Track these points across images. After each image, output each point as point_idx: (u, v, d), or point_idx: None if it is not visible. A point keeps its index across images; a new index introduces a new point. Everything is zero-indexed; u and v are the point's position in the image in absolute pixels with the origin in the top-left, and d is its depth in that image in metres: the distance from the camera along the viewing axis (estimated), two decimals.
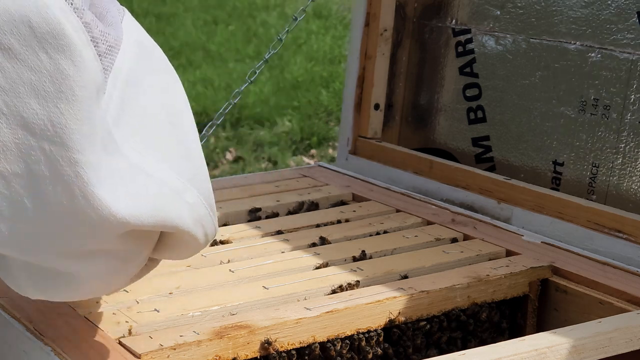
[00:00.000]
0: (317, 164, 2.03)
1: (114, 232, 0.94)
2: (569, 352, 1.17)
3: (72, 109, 0.87)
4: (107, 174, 0.91)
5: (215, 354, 1.15)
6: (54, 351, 1.10)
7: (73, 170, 0.88)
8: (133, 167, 0.94)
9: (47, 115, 0.87)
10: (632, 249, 1.49)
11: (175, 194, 0.98)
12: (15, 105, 0.86)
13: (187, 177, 1.00)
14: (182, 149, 1.01)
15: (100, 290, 1.08)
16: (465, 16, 1.88)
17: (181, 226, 0.99)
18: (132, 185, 0.93)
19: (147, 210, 0.95)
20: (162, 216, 0.97)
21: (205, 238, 1.05)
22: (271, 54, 1.95)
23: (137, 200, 0.94)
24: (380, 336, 1.29)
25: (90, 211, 0.90)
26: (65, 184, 0.88)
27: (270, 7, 6.80)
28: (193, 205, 1.00)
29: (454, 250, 1.50)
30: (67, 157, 0.88)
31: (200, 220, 1.02)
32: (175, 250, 1.06)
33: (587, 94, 1.66)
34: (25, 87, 0.86)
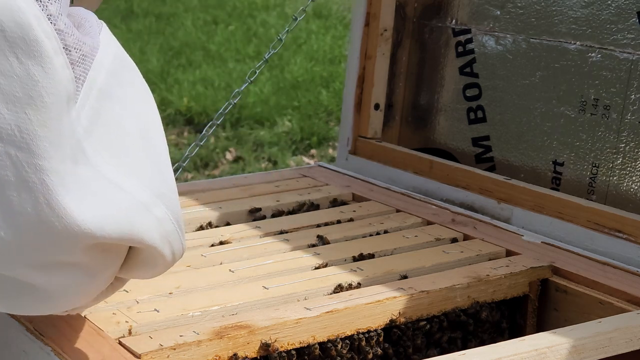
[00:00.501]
0: (317, 164, 2.03)
1: (78, 243, 0.92)
2: (569, 352, 1.17)
3: (40, 115, 0.87)
4: (74, 183, 0.89)
5: (215, 354, 1.15)
6: (54, 351, 1.10)
7: (38, 177, 0.87)
8: (101, 178, 0.93)
9: (14, 120, 0.86)
10: (632, 249, 1.49)
11: (144, 208, 0.97)
12: None
13: (156, 193, 0.98)
14: (153, 164, 1.00)
15: (65, 306, 1.05)
16: (465, 16, 1.88)
17: (148, 241, 0.98)
18: (99, 197, 0.92)
19: (113, 223, 0.93)
20: (128, 229, 0.95)
21: (172, 256, 1.03)
22: (271, 54, 1.95)
23: (104, 211, 0.92)
24: (380, 336, 1.29)
25: (54, 220, 0.88)
26: (30, 190, 0.87)
27: (270, 7, 6.80)
28: (161, 221, 0.99)
29: (454, 250, 1.50)
30: (32, 163, 0.87)
31: (167, 237, 1.00)
32: (141, 269, 1.04)
33: (587, 94, 1.66)
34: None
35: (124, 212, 0.94)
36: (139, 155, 0.98)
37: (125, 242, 0.96)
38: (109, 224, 0.92)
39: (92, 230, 0.91)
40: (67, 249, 0.92)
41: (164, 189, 1.00)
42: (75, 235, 0.90)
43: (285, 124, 4.81)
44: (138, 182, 0.97)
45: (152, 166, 1.00)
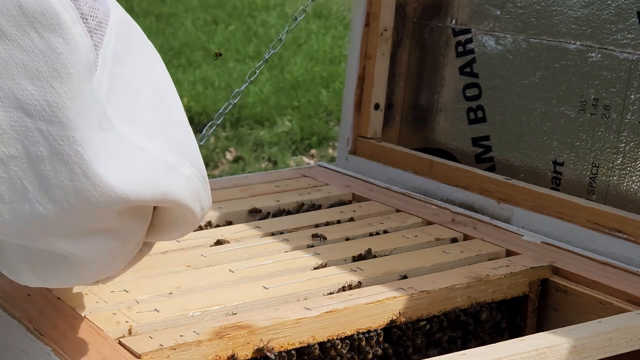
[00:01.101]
0: (317, 164, 2.03)
1: (114, 209, 0.93)
2: (569, 352, 1.17)
3: (67, 87, 0.87)
4: (104, 150, 0.91)
5: (215, 354, 1.15)
6: (54, 351, 1.10)
7: (72, 149, 0.88)
8: (127, 142, 0.94)
9: (42, 95, 0.87)
10: (632, 249, 1.49)
11: (171, 168, 0.98)
12: (9, 88, 0.86)
13: (179, 152, 1.00)
14: (171, 125, 1.01)
15: (99, 274, 1.06)
16: (465, 16, 1.88)
17: (180, 200, 0.99)
18: (128, 161, 0.93)
19: (145, 185, 0.94)
20: (160, 190, 0.97)
21: (201, 212, 1.05)
22: (271, 54, 1.95)
23: (135, 175, 0.94)
24: (380, 336, 1.29)
25: (91, 189, 0.90)
26: (65, 163, 0.88)
27: (270, 7, 6.80)
28: (189, 179, 1.00)
29: (454, 250, 1.50)
30: (65, 136, 0.88)
31: (196, 194, 1.02)
32: (171, 229, 1.06)
33: (587, 94, 1.66)
34: (18, 69, 0.86)
35: (153, 174, 0.96)
36: (157, 117, 0.99)
37: (158, 203, 0.98)
38: (142, 187, 0.94)
39: (128, 194, 0.92)
40: (102, 216, 0.94)
41: (186, 147, 1.02)
42: (112, 202, 0.92)
43: (285, 124, 4.81)
44: (160, 144, 0.98)
45: (170, 127, 1.01)
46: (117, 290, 1.28)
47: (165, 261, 1.41)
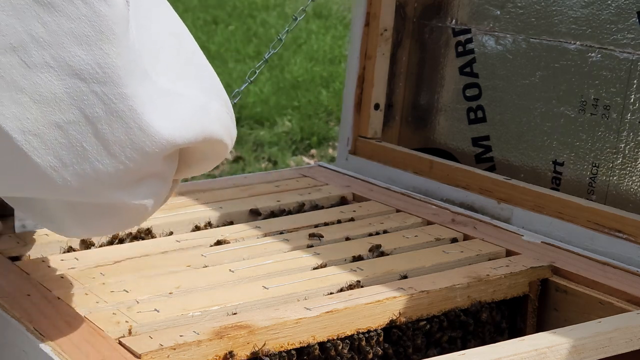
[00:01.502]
0: (317, 164, 2.03)
1: (163, 154, 0.99)
2: (569, 352, 1.17)
3: (114, 47, 0.92)
4: (150, 101, 0.96)
5: (215, 354, 1.15)
6: (54, 351, 1.10)
7: (126, 105, 0.94)
8: (163, 90, 0.99)
9: (93, 58, 0.92)
10: (632, 249, 1.49)
11: (203, 108, 1.04)
12: (61, 57, 0.91)
13: (205, 90, 1.06)
14: (193, 66, 1.07)
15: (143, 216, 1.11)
16: (465, 16, 1.88)
17: (217, 136, 1.06)
18: (169, 107, 0.99)
19: (189, 128, 1.00)
20: (201, 131, 1.02)
21: (231, 142, 1.11)
22: (271, 54, 1.95)
23: (179, 120, 0.99)
24: (380, 336, 1.29)
25: (145, 139, 0.96)
26: (120, 119, 0.94)
27: (270, 7, 6.80)
28: (219, 114, 1.07)
29: (454, 250, 1.50)
30: (118, 93, 0.93)
31: (226, 127, 1.08)
32: (201, 163, 1.11)
33: (587, 94, 1.66)
34: (68, 37, 0.91)
35: (192, 116, 1.02)
36: (180, 61, 1.05)
37: (200, 142, 1.04)
38: (186, 130, 1.00)
39: (176, 139, 0.99)
40: (153, 162, 1.00)
41: (209, 83, 1.08)
42: (163, 149, 0.98)
43: (285, 124, 4.81)
44: (190, 86, 1.04)
45: (194, 67, 1.06)
46: (117, 290, 1.28)
47: (165, 261, 1.41)
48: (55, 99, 0.91)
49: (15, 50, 0.89)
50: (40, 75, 0.91)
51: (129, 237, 1.52)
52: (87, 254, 1.43)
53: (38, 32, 0.90)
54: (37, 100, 0.91)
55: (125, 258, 1.41)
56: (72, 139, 0.93)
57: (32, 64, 0.90)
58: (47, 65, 0.90)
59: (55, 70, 0.91)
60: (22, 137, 0.91)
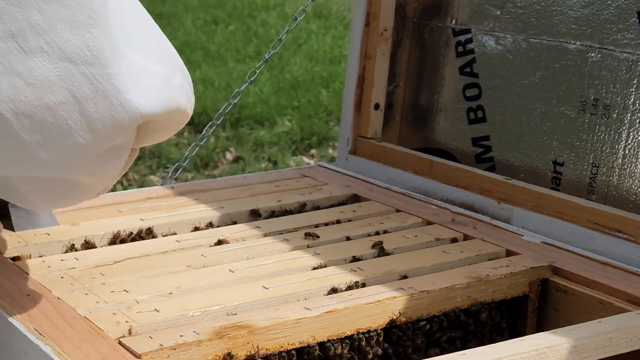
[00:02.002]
0: (317, 164, 2.03)
1: (134, 126, 1.05)
2: (569, 352, 1.17)
3: (101, 29, 0.98)
4: (130, 78, 1.02)
5: (215, 354, 1.15)
6: (54, 351, 1.10)
7: (111, 84, 0.99)
8: (135, 66, 1.04)
9: (83, 42, 0.97)
10: (632, 249, 1.49)
11: (169, 81, 1.10)
12: (54, 42, 0.96)
13: (167, 63, 1.11)
14: (153, 39, 1.11)
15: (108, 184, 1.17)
16: (465, 16, 1.88)
17: (181, 106, 1.11)
18: (142, 82, 1.04)
19: (158, 101, 1.06)
20: (168, 103, 1.08)
21: (191, 110, 1.16)
22: (271, 54, 1.96)
23: (150, 94, 1.05)
24: (380, 336, 1.29)
25: (124, 115, 1.01)
26: (105, 98, 1.00)
27: (270, 7, 6.80)
28: (181, 86, 1.12)
29: (454, 250, 1.50)
30: (104, 74, 0.99)
31: (187, 97, 1.14)
32: (162, 134, 1.16)
33: (587, 94, 1.66)
34: (62, 23, 0.96)
35: (160, 89, 1.07)
36: (141, 35, 1.09)
37: (167, 114, 1.09)
38: (156, 103, 1.06)
39: (149, 112, 1.04)
40: (125, 134, 1.06)
41: (169, 55, 1.13)
42: (136, 122, 1.04)
43: (285, 124, 4.81)
44: (153, 59, 1.09)
45: (154, 41, 1.11)
46: (117, 290, 1.28)
47: (165, 261, 1.41)
48: (48, 82, 0.97)
49: (14, 36, 0.95)
50: (36, 60, 0.96)
51: (130, 237, 1.52)
52: (87, 254, 1.43)
53: (36, 19, 0.95)
54: (32, 83, 0.96)
55: (125, 258, 1.41)
56: (60, 118, 0.99)
57: (28, 49, 0.95)
58: (42, 50, 0.96)
59: (49, 55, 0.96)
60: (14, 117, 0.97)
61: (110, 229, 1.53)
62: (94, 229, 1.53)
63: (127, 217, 1.59)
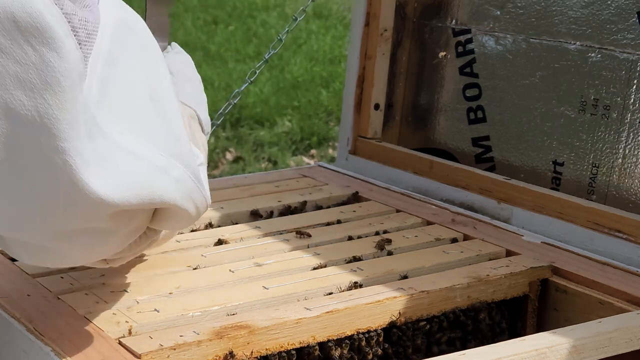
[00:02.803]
0: (317, 164, 2.03)
1: (102, 213, 0.96)
2: (569, 352, 1.17)
3: (58, 99, 0.89)
4: (92, 158, 0.93)
5: (215, 354, 1.15)
6: (54, 351, 1.10)
7: (60, 158, 0.90)
8: (117, 148, 0.96)
9: (34, 106, 0.88)
10: (632, 249, 1.49)
11: (161, 171, 1.01)
12: (2, 97, 0.88)
13: (171, 153, 1.02)
14: (164, 125, 1.03)
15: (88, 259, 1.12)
16: (465, 16, 1.88)
17: (169, 201, 1.02)
18: (116, 167, 0.95)
19: (133, 190, 0.97)
20: (148, 194, 0.99)
21: (196, 211, 1.08)
22: (271, 54, 1.95)
23: (123, 181, 0.96)
24: (380, 336, 1.29)
25: (78, 196, 0.92)
26: (53, 171, 0.90)
27: (270, 7, 6.80)
28: (180, 181, 1.03)
29: (454, 250, 1.50)
30: (54, 145, 0.89)
31: (189, 194, 1.05)
32: (170, 222, 1.09)
33: (587, 94, 1.66)
34: (12, 80, 0.87)
35: (142, 178, 0.98)
36: (150, 118, 1.01)
37: (147, 206, 1.01)
38: (129, 193, 0.96)
39: (115, 201, 0.95)
40: (91, 219, 0.97)
41: (178, 148, 1.04)
42: (99, 208, 0.95)
43: (285, 124, 4.81)
44: (151, 146, 1.00)
45: (164, 127, 1.03)
46: (117, 290, 1.28)
47: (165, 261, 1.41)
48: None
49: None
50: None
51: None
52: None
53: None
54: None
55: None
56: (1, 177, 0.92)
57: None
58: None
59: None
60: None
61: None
62: None
63: None
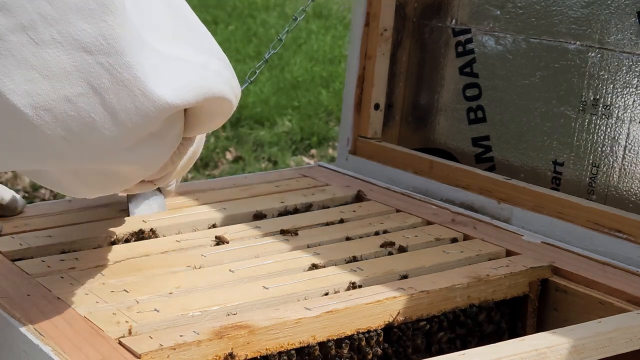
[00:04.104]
0: (317, 164, 2.03)
1: (164, 116, 1.03)
2: (569, 352, 1.17)
3: (116, 18, 0.95)
4: (151, 68, 0.99)
5: (215, 354, 1.15)
6: (54, 351, 1.10)
7: (131, 74, 0.97)
8: (161, 55, 1.02)
9: (98, 31, 0.94)
10: (632, 249, 1.49)
11: (203, 68, 1.07)
12: (67, 32, 0.93)
13: (203, 50, 1.08)
14: (187, 26, 1.10)
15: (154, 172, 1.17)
16: (465, 16, 1.88)
17: (219, 94, 1.09)
18: (170, 72, 1.02)
19: (189, 90, 1.03)
20: (203, 91, 1.06)
21: (236, 98, 1.14)
22: (271, 54, 1.95)
23: (179, 83, 1.02)
24: (380, 336, 1.29)
25: (149, 105, 0.99)
26: (126, 88, 0.97)
27: (270, 7, 6.80)
28: (220, 72, 1.09)
29: (454, 250, 1.50)
30: (123, 63, 0.96)
31: (228, 83, 1.11)
32: (208, 121, 1.14)
33: (587, 94, 1.66)
34: (73, 12, 0.93)
35: (192, 77, 1.05)
36: (175, 23, 1.07)
37: (202, 102, 1.07)
38: (187, 92, 1.03)
39: (178, 103, 1.02)
40: (155, 125, 1.04)
41: (207, 44, 1.11)
42: (165, 112, 1.01)
43: (285, 124, 4.81)
44: (188, 48, 1.06)
45: (189, 29, 1.10)
46: (117, 290, 1.28)
47: (165, 261, 1.41)
48: (64, 73, 0.94)
49: (25, 29, 0.92)
50: (49, 52, 0.93)
51: (133, 237, 1.52)
52: (87, 254, 1.43)
53: (46, 10, 0.92)
54: (47, 75, 0.94)
55: (125, 258, 1.41)
56: (81, 111, 0.96)
57: (40, 41, 0.92)
58: (55, 41, 0.93)
59: (63, 45, 0.93)
60: (34, 112, 0.94)
61: (111, 229, 1.53)
62: (95, 229, 1.53)
63: (128, 218, 1.59)
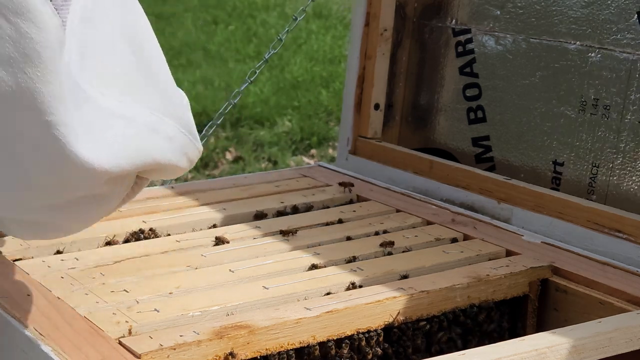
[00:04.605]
0: (317, 164, 2.03)
1: (97, 181, 0.94)
2: (569, 352, 1.17)
3: (39, 71, 0.85)
4: (81, 129, 0.89)
5: (215, 354, 1.15)
6: (54, 351, 1.10)
7: (50, 134, 0.87)
8: (104, 113, 0.93)
9: (15, 81, 0.85)
10: (632, 249, 1.49)
11: (151, 131, 0.97)
12: None
13: (160, 109, 0.98)
14: (150, 81, 0.99)
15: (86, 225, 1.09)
16: (465, 16, 1.88)
17: (163, 161, 0.99)
18: (107, 134, 0.93)
19: (125, 155, 0.94)
20: (141, 157, 0.96)
21: (189, 163, 1.05)
22: (271, 54, 1.96)
23: (114, 147, 0.93)
24: (380, 336, 1.29)
25: (70, 168, 0.89)
26: (44, 147, 0.88)
27: (270, 7, 6.80)
28: (172, 138, 1.00)
29: (454, 250, 1.50)
30: (41, 121, 0.86)
31: (182, 149, 1.02)
32: (160, 174, 1.06)
33: (587, 94, 1.66)
34: None
35: (133, 141, 0.95)
36: (134, 75, 0.97)
37: (140, 169, 0.97)
38: (122, 157, 0.94)
39: (108, 168, 0.92)
40: (86, 188, 0.95)
41: (166, 100, 1.00)
42: (93, 177, 0.92)
43: (285, 124, 4.81)
44: (139, 105, 0.96)
45: (149, 80, 0.99)
46: (117, 290, 1.28)
47: (165, 261, 1.41)
48: None
49: None
50: None
51: (133, 237, 1.52)
52: (87, 254, 1.43)
53: None
54: None
55: (125, 258, 1.41)
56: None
57: None
58: None
59: None
60: None
61: (111, 229, 1.52)
62: (95, 229, 1.52)
63: (128, 218, 1.59)
